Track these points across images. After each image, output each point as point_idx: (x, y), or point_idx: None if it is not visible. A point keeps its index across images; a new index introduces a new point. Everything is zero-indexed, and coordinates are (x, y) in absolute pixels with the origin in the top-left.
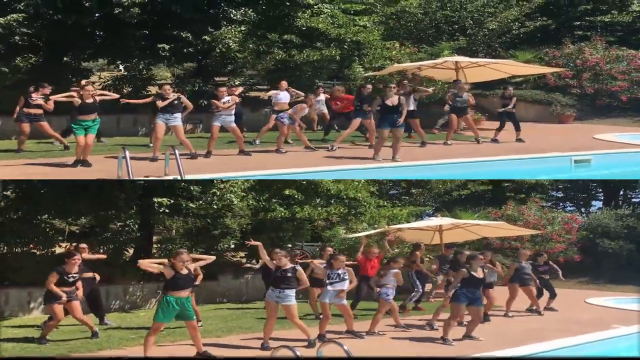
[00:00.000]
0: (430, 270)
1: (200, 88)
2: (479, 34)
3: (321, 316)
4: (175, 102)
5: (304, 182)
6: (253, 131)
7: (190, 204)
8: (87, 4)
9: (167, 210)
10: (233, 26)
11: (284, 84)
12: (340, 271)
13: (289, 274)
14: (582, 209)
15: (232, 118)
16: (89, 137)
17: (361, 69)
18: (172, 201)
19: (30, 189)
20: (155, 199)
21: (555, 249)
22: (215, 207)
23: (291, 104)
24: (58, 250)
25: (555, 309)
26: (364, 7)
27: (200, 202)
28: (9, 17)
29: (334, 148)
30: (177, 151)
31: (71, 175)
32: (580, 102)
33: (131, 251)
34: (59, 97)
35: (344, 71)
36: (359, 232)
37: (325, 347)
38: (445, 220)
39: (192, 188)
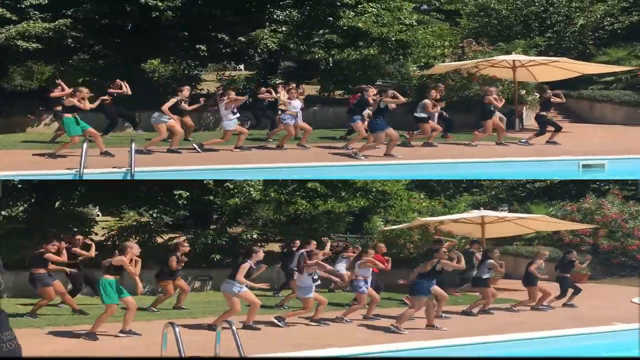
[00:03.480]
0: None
1: None
2: (567, 30)
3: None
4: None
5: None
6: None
7: (212, 198)
8: (128, 9)
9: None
10: (273, 27)
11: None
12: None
13: None
14: None
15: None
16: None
17: (414, 67)
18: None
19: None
20: (175, 192)
21: (633, 245)
22: (236, 200)
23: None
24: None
25: (574, 305)
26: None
27: (217, 194)
28: (59, 22)
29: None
30: (133, 145)
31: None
32: None
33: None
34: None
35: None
36: (398, 224)
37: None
38: (488, 213)
39: (204, 182)
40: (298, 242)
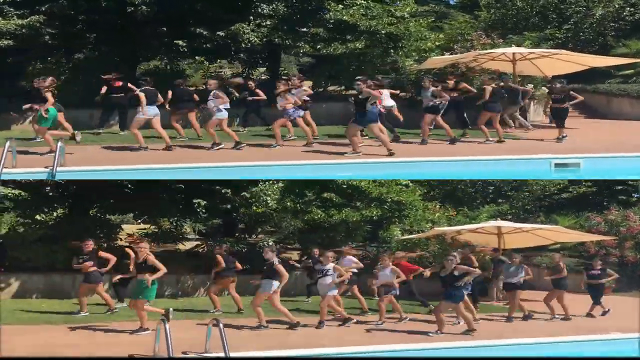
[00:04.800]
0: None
1: None
2: (586, 21)
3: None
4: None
5: (344, 186)
6: None
7: (227, 206)
8: (104, 4)
9: (203, 211)
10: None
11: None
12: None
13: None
14: None
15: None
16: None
17: (411, 61)
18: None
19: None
20: (194, 200)
21: None
22: (254, 208)
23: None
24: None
25: (593, 315)
26: None
27: (235, 203)
28: (31, 18)
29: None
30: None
31: None
32: None
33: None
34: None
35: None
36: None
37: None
38: (504, 223)
39: (222, 191)
40: (317, 251)
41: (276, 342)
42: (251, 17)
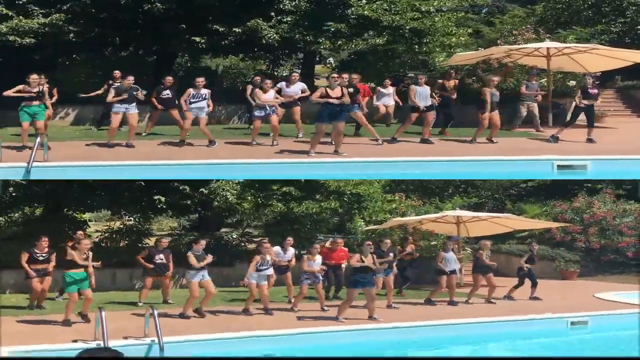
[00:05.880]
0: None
1: None
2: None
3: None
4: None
5: (302, 180)
6: None
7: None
8: (122, 1)
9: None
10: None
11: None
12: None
13: None
14: None
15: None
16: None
17: (444, 56)
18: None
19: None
20: (155, 197)
21: (624, 242)
22: (216, 203)
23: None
24: None
25: (539, 297)
26: None
27: (194, 199)
28: (52, 17)
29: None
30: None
31: None
32: None
33: None
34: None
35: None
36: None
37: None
38: (463, 212)
39: (180, 187)
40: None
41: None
42: (272, 14)
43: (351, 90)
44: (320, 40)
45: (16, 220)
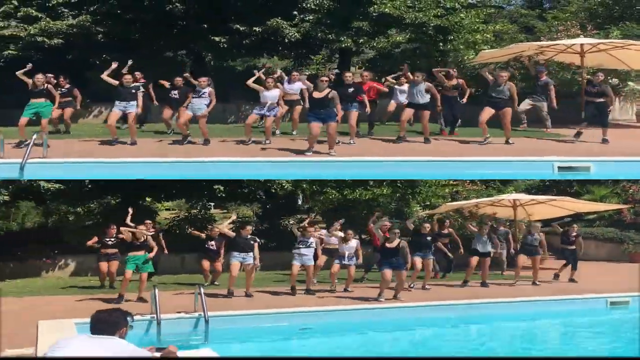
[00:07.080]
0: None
1: None
2: None
3: None
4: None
5: None
6: None
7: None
8: (145, 3)
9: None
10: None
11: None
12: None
13: None
14: None
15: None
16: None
17: (472, 54)
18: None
19: None
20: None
21: None
22: (273, 191)
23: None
24: None
25: (575, 280)
26: None
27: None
28: (79, 19)
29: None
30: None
31: None
32: None
33: None
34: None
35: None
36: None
37: None
38: (519, 195)
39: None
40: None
41: None
42: (295, 12)
43: (351, 90)
44: (343, 39)
45: (93, 210)
